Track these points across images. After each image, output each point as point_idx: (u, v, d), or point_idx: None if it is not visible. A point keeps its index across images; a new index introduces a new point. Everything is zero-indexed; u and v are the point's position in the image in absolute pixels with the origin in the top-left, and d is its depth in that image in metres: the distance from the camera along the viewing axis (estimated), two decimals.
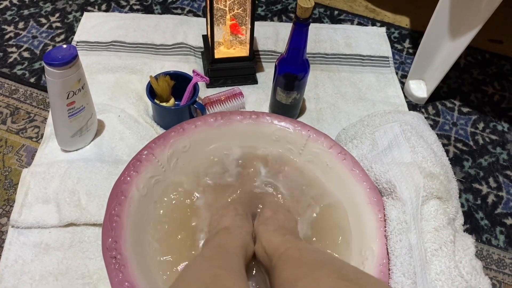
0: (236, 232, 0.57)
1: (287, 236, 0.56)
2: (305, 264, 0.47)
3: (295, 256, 0.50)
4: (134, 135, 0.81)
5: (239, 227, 0.59)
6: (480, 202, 0.81)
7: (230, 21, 0.87)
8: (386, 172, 0.67)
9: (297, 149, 0.73)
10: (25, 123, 0.85)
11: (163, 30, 1.03)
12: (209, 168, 0.70)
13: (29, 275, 0.65)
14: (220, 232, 0.57)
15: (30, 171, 0.74)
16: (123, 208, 0.58)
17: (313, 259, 0.48)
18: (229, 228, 0.58)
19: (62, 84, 0.68)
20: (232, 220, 0.60)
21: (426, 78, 0.95)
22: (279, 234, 0.56)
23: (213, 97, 0.87)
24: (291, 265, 0.49)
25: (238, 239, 0.56)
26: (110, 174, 0.74)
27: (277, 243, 0.54)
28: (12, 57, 0.97)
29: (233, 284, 0.45)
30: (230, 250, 0.53)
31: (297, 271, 0.47)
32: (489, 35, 1.14)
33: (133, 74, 0.94)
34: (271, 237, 0.56)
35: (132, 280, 0.51)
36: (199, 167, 0.70)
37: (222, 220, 0.60)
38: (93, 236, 0.69)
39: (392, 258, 0.60)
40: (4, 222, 0.71)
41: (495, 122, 0.95)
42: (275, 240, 0.55)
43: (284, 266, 0.49)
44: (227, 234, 0.57)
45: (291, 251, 0.51)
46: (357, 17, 1.16)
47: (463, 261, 0.62)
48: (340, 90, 0.97)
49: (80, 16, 1.06)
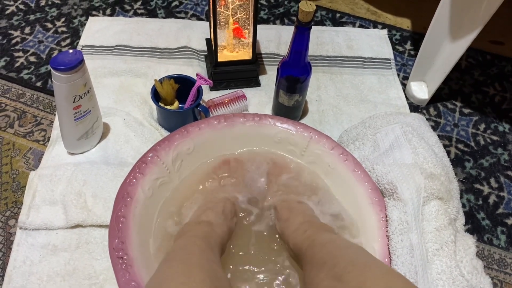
0: (218, 230, 0.59)
1: (307, 232, 0.57)
2: (314, 265, 0.50)
3: (309, 256, 0.53)
4: (139, 138, 0.82)
5: (220, 226, 0.60)
6: (481, 203, 0.82)
7: (233, 24, 0.88)
8: (387, 173, 0.68)
9: (299, 151, 0.74)
10: (32, 126, 0.86)
11: (167, 34, 1.04)
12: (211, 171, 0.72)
13: (37, 276, 0.66)
14: (204, 224, 0.59)
15: (37, 174, 0.75)
16: (129, 209, 0.59)
17: (320, 257, 0.50)
18: (212, 223, 0.60)
19: (69, 88, 0.69)
20: (216, 217, 0.62)
21: (427, 79, 0.96)
22: (299, 233, 0.58)
23: (216, 99, 0.88)
24: (306, 268, 0.52)
25: (219, 237, 0.58)
26: (116, 176, 0.75)
27: (299, 244, 0.56)
28: (19, 62, 0.98)
29: (227, 283, 0.48)
30: (214, 246, 0.55)
31: (309, 274, 0.50)
32: (490, 37, 1.14)
33: (138, 78, 0.95)
34: (294, 239, 0.58)
35: (138, 280, 0.52)
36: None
37: (207, 212, 0.62)
38: (100, 237, 0.70)
39: (394, 258, 0.61)
40: (12, 224, 0.73)
41: (496, 123, 0.96)
42: (298, 240, 0.57)
43: (305, 269, 0.53)
44: (210, 229, 0.58)
45: (308, 251, 0.54)
46: (358, 20, 1.17)
47: (464, 260, 0.62)
48: (342, 92, 0.98)
49: (85, 21, 1.08)
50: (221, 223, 0.61)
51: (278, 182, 0.71)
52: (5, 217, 0.73)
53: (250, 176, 0.72)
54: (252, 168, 0.72)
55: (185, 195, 0.68)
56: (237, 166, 0.72)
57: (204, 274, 0.44)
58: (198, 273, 0.44)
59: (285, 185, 0.70)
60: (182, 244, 0.53)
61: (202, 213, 0.62)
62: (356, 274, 0.43)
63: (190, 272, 0.45)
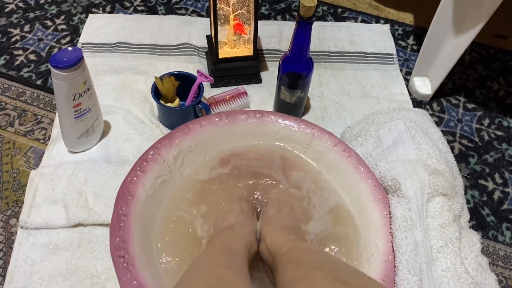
0: (240, 231, 0.58)
1: (290, 235, 0.56)
2: (304, 265, 0.48)
3: (295, 256, 0.51)
4: (140, 136, 0.82)
5: (243, 226, 0.59)
6: (486, 199, 0.81)
7: (233, 20, 0.87)
8: (391, 170, 0.68)
9: (301, 148, 0.73)
10: (32, 125, 0.86)
11: (167, 30, 1.04)
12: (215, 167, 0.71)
13: (39, 275, 0.66)
14: (225, 230, 0.58)
15: (38, 173, 0.75)
16: (130, 208, 0.59)
17: (312, 260, 0.49)
18: (233, 226, 0.58)
19: (68, 86, 0.68)
20: (237, 218, 0.60)
21: (431, 74, 0.95)
22: (282, 233, 0.57)
23: (217, 96, 0.88)
24: (290, 266, 0.50)
25: (242, 238, 0.56)
26: (117, 175, 0.74)
27: (279, 243, 0.54)
28: (19, 60, 0.98)
29: (238, 284, 0.45)
30: (234, 250, 0.53)
31: (296, 273, 0.47)
32: (494, 31, 1.13)
33: (138, 75, 0.94)
34: (274, 237, 0.56)
35: (140, 279, 0.52)
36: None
37: (227, 217, 0.61)
38: (101, 236, 0.70)
39: (398, 255, 0.60)
40: (13, 223, 0.72)
41: (500, 118, 0.95)
42: (278, 240, 0.55)
43: (285, 267, 0.50)
44: (231, 233, 0.57)
45: (292, 251, 0.52)
46: (360, 15, 1.16)
47: (469, 257, 0.62)
48: (344, 88, 0.97)
49: (85, 18, 1.07)
50: (243, 223, 0.60)
51: (284, 177, 0.70)
52: (6, 217, 0.73)
53: (256, 172, 0.71)
54: (259, 163, 0.72)
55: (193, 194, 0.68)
56: (241, 162, 0.72)
57: (201, 283, 0.44)
58: (195, 283, 0.44)
59: (288, 183, 0.70)
60: (197, 258, 0.52)
61: (222, 220, 0.61)
62: (364, 282, 0.42)
63: (189, 283, 0.45)
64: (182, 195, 0.67)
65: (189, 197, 0.66)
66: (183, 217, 0.64)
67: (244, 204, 0.65)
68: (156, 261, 0.58)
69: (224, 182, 0.69)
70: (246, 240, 0.56)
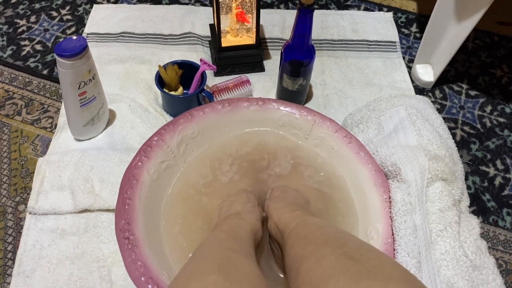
0: (247, 218, 0.59)
1: (297, 211, 0.57)
2: (311, 241, 0.48)
3: (303, 232, 0.51)
4: (144, 124, 0.83)
5: (249, 213, 0.60)
6: (487, 184, 0.82)
7: (236, 9, 0.88)
8: (391, 155, 0.68)
9: (303, 134, 0.74)
10: (39, 114, 0.88)
11: (171, 20, 1.04)
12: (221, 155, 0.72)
13: (47, 259, 0.67)
14: (231, 217, 0.59)
15: (45, 160, 0.77)
16: (135, 192, 0.60)
17: (319, 235, 0.49)
18: (240, 213, 0.59)
19: (73, 75, 0.70)
20: (243, 207, 0.61)
21: (433, 62, 0.95)
22: (289, 210, 0.58)
23: (220, 85, 0.88)
24: (298, 242, 0.50)
25: (248, 224, 0.57)
26: (122, 162, 0.76)
27: (287, 219, 0.55)
28: (25, 50, 0.99)
29: (246, 266, 0.46)
30: (241, 235, 0.54)
31: (304, 249, 0.48)
32: (497, 18, 1.13)
33: (142, 64, 0.95)
34: (282, 213, 0.57)
35: (144, 259, 0.53)
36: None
37: (233, 205, 0.62)
38: (107, 221, 0.71)
39: (397, 239, 0.61)
40: (22, 209, 0.74)
41: (503, 105, 0.95)
42: (286, 216, 0.56)
43: (293, 243, 0.51)
44: (238, 219, 0.58)
45: (300, 227, 0.52)
46: (364, 3, 1.16)
47: (467, 241, 0.62)
48: (347, 75, 0.97)
49: (90, 8, 1.08)
50: (249, 210, 0.60)
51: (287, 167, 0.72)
52: (15, 203, 0.75)
53: (258, 165, 0.72)
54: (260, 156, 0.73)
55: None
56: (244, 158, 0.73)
57: (211, 264, 0.44)
58: (204, 264, 0.44)
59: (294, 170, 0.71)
60: (204, 241, 0.52)
61: (228, 209, 0.62)
62: (372, 257, 0.42)
63: (198, 264, 0.44)
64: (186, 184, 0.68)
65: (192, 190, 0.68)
66: (192, 196, 0.66)
67: (250, 194, 0.66)
68: (160, 242, 0.59)
69: (225, 182, 0.70)
70: (252, 226, 0.57)
